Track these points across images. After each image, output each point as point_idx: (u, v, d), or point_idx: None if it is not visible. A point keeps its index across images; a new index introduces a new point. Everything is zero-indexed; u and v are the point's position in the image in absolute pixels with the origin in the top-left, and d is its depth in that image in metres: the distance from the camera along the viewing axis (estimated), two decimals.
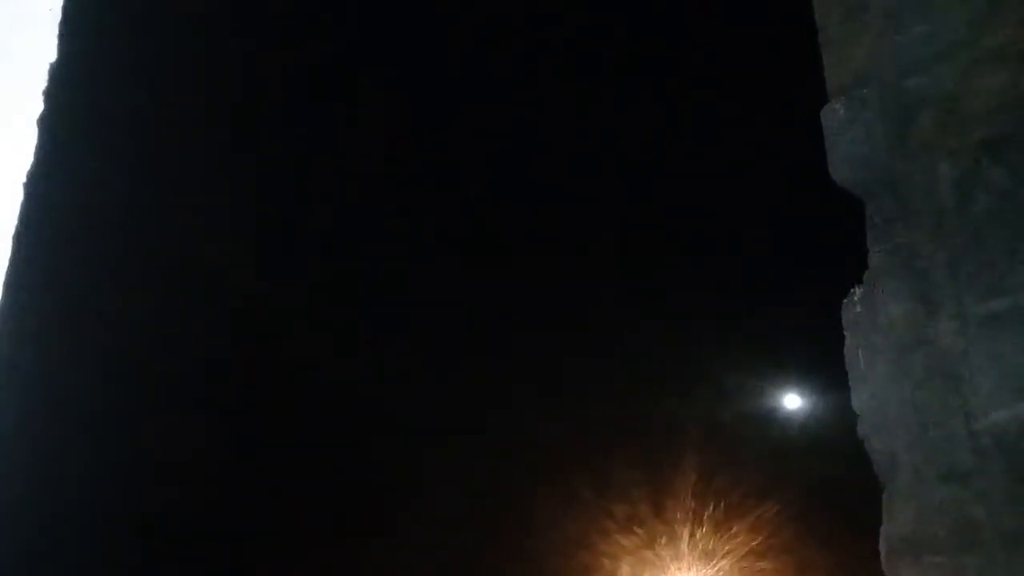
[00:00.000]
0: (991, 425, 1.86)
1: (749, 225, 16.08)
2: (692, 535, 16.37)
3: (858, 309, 2.06)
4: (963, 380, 1.90)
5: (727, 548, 16.33)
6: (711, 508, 16.18)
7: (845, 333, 2.07)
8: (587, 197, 16.64)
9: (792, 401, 16.58)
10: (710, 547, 16.37)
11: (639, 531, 16.35)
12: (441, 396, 16.65)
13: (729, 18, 14.33)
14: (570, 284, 16.61)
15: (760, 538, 16.10)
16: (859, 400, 2.02)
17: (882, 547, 1.97)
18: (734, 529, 16.22)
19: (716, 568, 16.52)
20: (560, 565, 16.42)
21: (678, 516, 16.26)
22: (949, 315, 1.94)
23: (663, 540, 16.42)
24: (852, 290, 2.07)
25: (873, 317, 2.03)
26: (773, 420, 16.62)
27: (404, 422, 16.59)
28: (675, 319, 15.91)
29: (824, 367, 13.98)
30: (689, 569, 16.61)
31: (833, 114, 2.17)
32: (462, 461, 16.27)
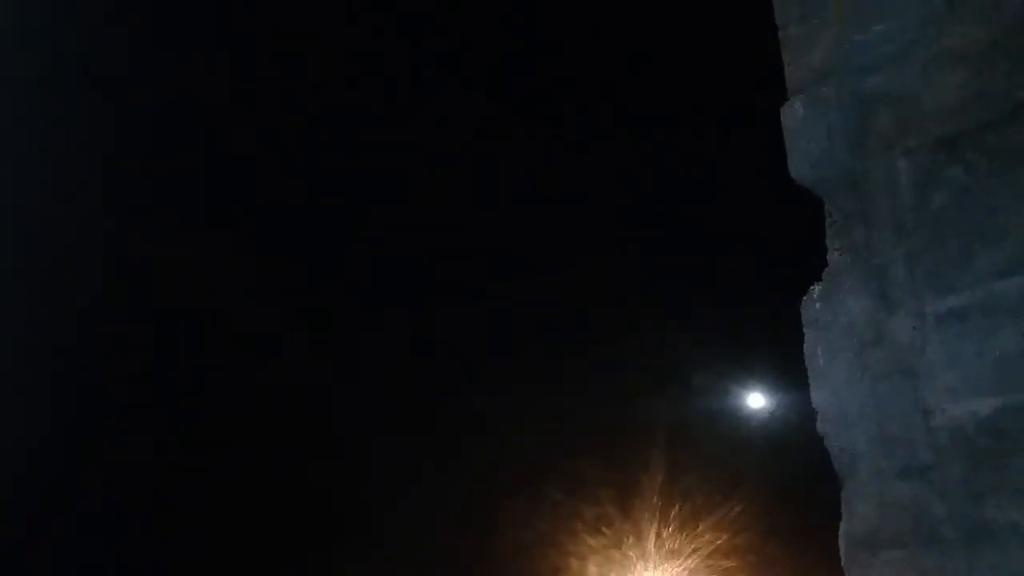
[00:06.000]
0: (949, 421, 1.87)
1: (709, 225, 16.18)
2: (658, 534, 16.42)
3: (817, 306, 2.06)
4: (921, 376, 1.91)
5: (693, 547, 16.40)
6: (677, 507, 16.24)
7: (805, 331, 2.07)
8: (555, 207, 16.68)
9: (755, 400, 16.67)
10: (676, 546, 16.42)
11: (606, 531, 16.37)
12: (409, 399, 16.60)
13: (689, 18, 14.40)
14: (539, 292, 16.63)
15: (725, 536, 16.18)
16: (819, 397, 2.03)
17: (841, 543, 1.97)
18: (699, 528, 16.29)
19: (682, 567, 16.58)
20: (528, 565, 16.42)
21: (645, 516, 16.30)
22: (907, 312, 1.94)
23: (630, 539, 16.46)
24: (812, 288, 2.08)
25: (832, 314, 2.03)
26: (736, 419, 16.71)
27: (374, 424, 16.53)
28: (639, 322, 15.98)
29: (786, 365, 14.11)
30: (656, 568, 16.66)
31: (793, 112, 2.17)
32: (430, 463, 16.23)
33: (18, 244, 14.15)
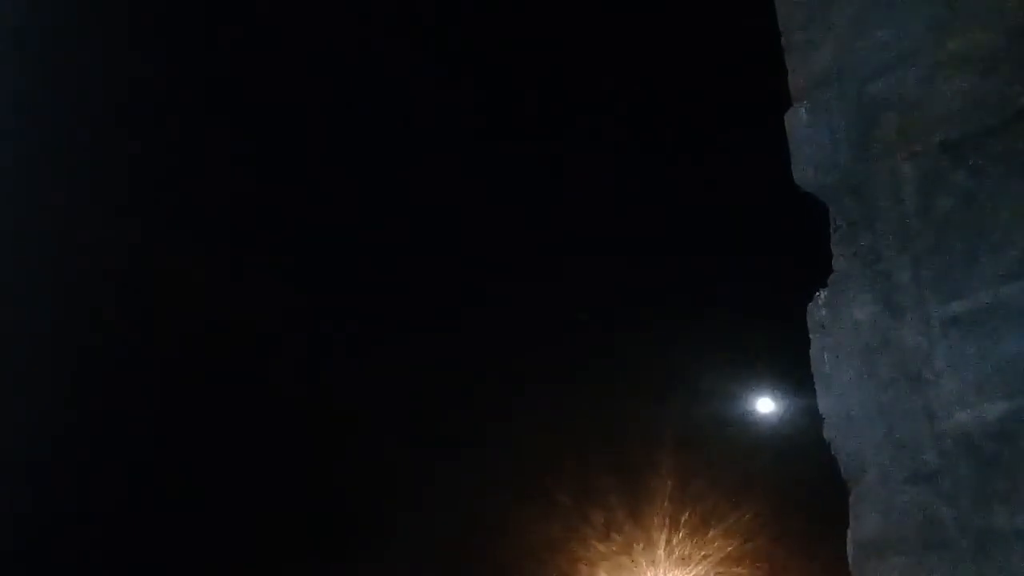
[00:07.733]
0: (955, 426, 1.87)
1: (716, 230, 16.17)
2: (669, 541, 16.38)
3: (823, 312, 2.06)
4: (927, 381, 1.91)
5: (703, 553, 16.36)
6: (687, 514, 16.20)
7: (811, 336, 2.07)
8: (562, 209, 16.69)
9: (764, 405, 16.64)
10: (686, 552, 16.39)
11: (616, 536, 16.35)
12: (417, 403, 16.60)
13: (693, 25, 14.41)
14: (545, 294, 16.64)
15: (735, 543, 16.14)
16: (825, 403, 2.03)
17: (849, 548, 1.97)
18: (710, 535, 16.25)
19: (692, 574, 16.55)
20: (538, 570, 16.40)
21: (655, 522, 16.27)
22: (913, 317, 1.94)
23: (640, 546, 16.43)
24: (817, 293, 2.08)
25: (838, 320, 2.03)
26: (744, 424, 16.68)
27: (380, 428, 16.54)
28: (647, 327, 15.96)
29: (794, 371, 14.08)
30: (666, 574, 16.62)
31: (796, 118, 2.17)
32: (439, 468, 16.23)
33: (24, 248, 14.21)
